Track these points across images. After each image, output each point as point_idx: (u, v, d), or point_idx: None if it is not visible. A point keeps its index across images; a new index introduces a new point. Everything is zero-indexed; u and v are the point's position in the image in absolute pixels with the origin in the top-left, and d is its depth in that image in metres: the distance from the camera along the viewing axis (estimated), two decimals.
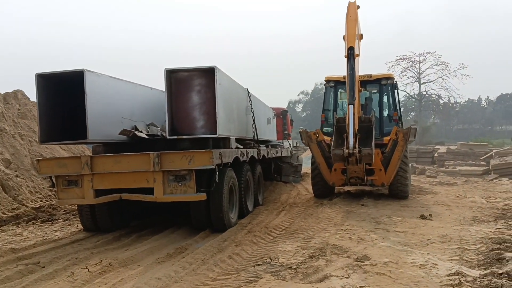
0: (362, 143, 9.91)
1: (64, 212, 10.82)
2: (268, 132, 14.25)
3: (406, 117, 56.20)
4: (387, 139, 11.81)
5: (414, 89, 59.62)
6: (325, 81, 13.15)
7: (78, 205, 8.51)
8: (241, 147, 9.62)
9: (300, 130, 12.14)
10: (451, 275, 5.15)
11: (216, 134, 7.72)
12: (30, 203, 11.40)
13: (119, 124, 8.27)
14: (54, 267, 6.12)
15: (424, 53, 55.76)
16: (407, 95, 59.77)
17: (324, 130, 12.78)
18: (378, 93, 12.98)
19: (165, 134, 8.14)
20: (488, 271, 5.26)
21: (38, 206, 11.25)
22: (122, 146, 8.35)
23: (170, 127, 7.85)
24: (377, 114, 12.31)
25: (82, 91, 7.31)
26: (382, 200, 11.67)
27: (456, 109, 73.19)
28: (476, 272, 5.26)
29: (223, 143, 8.50)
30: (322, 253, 6.22)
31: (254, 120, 11.05)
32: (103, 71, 8.02)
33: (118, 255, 6.68)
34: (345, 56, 10.22)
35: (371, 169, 11.16)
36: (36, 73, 7.45)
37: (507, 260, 5.63)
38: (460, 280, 4.94)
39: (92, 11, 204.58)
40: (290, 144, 19.12)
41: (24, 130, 14.01)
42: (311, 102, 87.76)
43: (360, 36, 11.02)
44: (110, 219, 8.51)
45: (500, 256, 5.85)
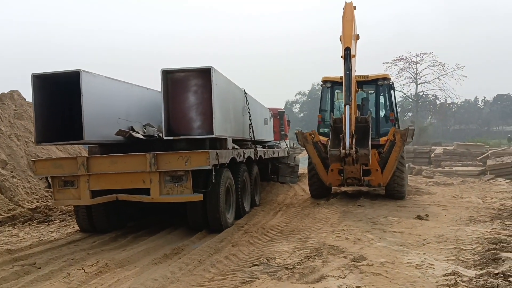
0: (359, 144, 9.93)
1: (60, 213, 10.80)
2: (265, 133, 14.25)
3: (403, 117, 56.33)
4: (383, 140, 11.84)
5: (411, 89, 59.81)
6: (321, 81, 13.16)
7: (74, 206, 8.49)
8: (237, 147, 9.62)
9: (296, 131, 12.15)
10: (447, 275, 5.16)
11: (213, 134, 7.71)
12: (26, 204, 11.38)
13: (115, 125, 8.26)
14: (50, 268, 6.11)
15: (420, 53, 55.97)
16: (404, 95, 59.94)
17: (321, 130, 12.81)
18: (375, 93, 12.98)
19: (161, 135, 8.12)
20: (484, 271, 5.27)
21: (35, 207, 11.23)
22: (119, 146, 8.33)
23: (167, 127, 7.84)
24: (373, 114, 12.33)
25: (78, 91, 7.29)
26: (378, 200, 11.68)
27: (453, 109, 73.39)
28: (472, 272, 5.27)
29: (220, 143, 8.49)
30: (319, 253, 6.22)
31: (251, 120, 11.04)
32: (100, 72, 8.03)
33: (115, 256, 6.66)
34: (341, 57, 10.22)
35: (368, 169, 11.17)
36: (32, 73, 7.43)
37: (503, 260, 5.64)
38: (456, 280, 4.95)
39: (88, 13, 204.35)
40: (287, 144, 19.11)
41: (20, 131, 13.98)
42: (308, 103, 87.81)
43: (357, 37, 11.04)
44: (107, 219, 8.50)
45: (496, 256, 5.86)
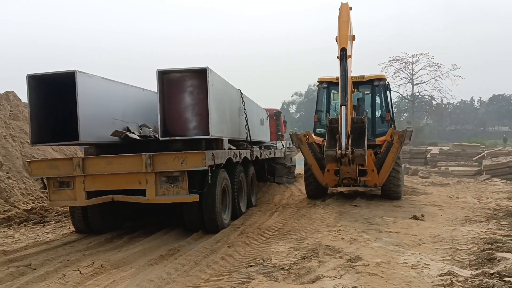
0: (355, 144, 9.95)
1: (56, 214, 10.75)
2: (262, 133, 14.24)
3: (399, 118, 56.40)
4: (379, 140, 11.87)
5: (407, 90, 59.84)
6: (318, 82, 13.18)
7: (70, 206, 8.47)
8: (234, 148, 9.61)
9: (290, 133, 12.17)
10: (443, 275, 5.17)
11: (209, 135, 7.69)
12: (22, 205, 11.33)
13: (111, 125, 8.24)
14: (45, 269, 6.09)
15: (416, 54, 56.05)
16: (400, 96, 60.06)
17: (317, 131, 12.83)
18: (371, 94, 13.01)
19: (157, 135, 8.11)
20: (480, 271, 5.28)
21: (30, 208, 11.18)
22: (114, 147, 8.30)
23: (163, 128, 7.82)
24: (369, 115, 12.35)
25: (73, 92, 7.27)
26: (374, 200, 11.70)
27: (449, 110, 73.62)
28: (467, 272, 5.29)
29: (216, 144, 8.48)
30: (315, 254, 6.22)
31: (247, 121, 11.04)
32: (97, 73, 8.02)
33: (110, 257, 6.65)
34: (337, 57, 10.24)
35: (364, 170, 11.19)
36: (27, 74, 7.40)
37: (499, 260, 5.66)
38: (451, 280, 4.96)
39: (86, 13, 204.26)
40: (283, 145, 19.10)
41: (16, 132, 13.93)
42: (304, 103, 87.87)
43: (353, 37, 11.06)
44: (102, 220, 8.48)
45: (492, 256, 5.88)
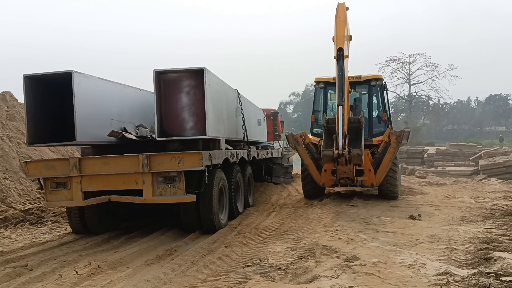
0: (352, 144, 9.95)
1: (53, 215, 10.73)
2: (259, 133, 14.24)
3: (396, 118, 56.50)
4: (376, 140, 11.88)
5: (404, 90, 60.11)
6: (315, 82, 13.18)
7: (66, 207, 8.45)
8: (231, 148, 9.62)
9: (287, 133, 12.17)
10: (440, 275, 5.18)
11: (206, 135, 7.68)
12: (19, 205, 11.30)
13: (108, 126, 8.22)
14: (42, 270, 6.08)
15: (413, 54, 56.23)
16: (397, 96, 60.19)
17: (314, 131, 12.84)
18: (368, 94, 13.02)
19: (154, 136, 8.10)
20: (476, 270, 5.30)
21: (27, 208, 11.15)
22: (111, 147, 8.29)
23: (159, 128, 7.81)
24: (366, 115, 12.36)
25: (70, 92, 7.25)
26: (371, 200, 11.71)
27: (446, 110, 73.78)
28: (464, 272, 5.30)
29: (213, 144, 8.48)
30: (312, 253, 6.23)
31: (244, 121, 11.04)
32: (94, 73, 8.00)
33: (107, 257, 6.64)
34: (334, 58, 10.24)
35: (361, 169, 11.21)
36: (23, 74, 7.38)
37: (495, 260, 5.68)
38: (448, 280, 4.98)
39: (83, 14, 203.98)
40: (280, 145, 19.11)
41: (13, 132, 13.89)
42: (302, 103, 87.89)
43: (349, 38, 11.06)
44: (99, 221, 8.46)
45: (488, 255, 5.90)
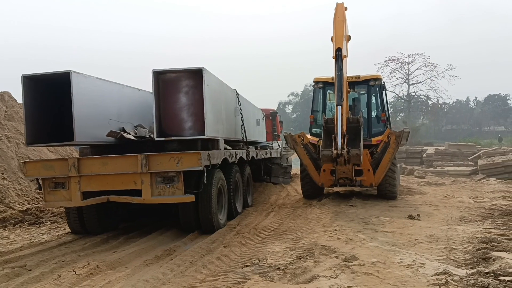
0: (351, 144, 9.95)
1: (51, 215, 10.72)
2: (258, 133, 14.24)
3: (395, 118, 56.54)
4: (375, 140, 11.87)
5: (403, 90, 60.13)
6: (313, 82, 13.16)
7: (65, 207, 8.44)
8: (229, 148, 9.61)
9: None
10: (438, 275, 5.18)
11: (204, 135, 7.68)
12: (17, 205, 11.28)
13: (107, 126, 8.21)
14: (40, 270, 6.07)
15: (412, 54, 56.26)
16: (396, 96, 60.23)
17: (313, 131, 12.84)
18: (366, 94, 13.02)
19: (153, 136, 8.10)
20: (475, 270, 5.30)
21: (25, 208, 11.14)
22: (110, 147, 8.28)
23: (158, 128, 7.81)
24: (365, 115, 12.36)
25: (68, 92, 7.24)
26: (370, 200, 11.71)
27: (445, 109, 73.82)
28: (463, 272, 5.30)
29: (212, 144, 8.48)
30: (311, 253, 6.23)
31: (243, 121, 11.04)
32: (93, 73, 7.99)
33: (106, 257, 6.63)
34: (333, 57, 10.24)
35: (360, 169, 11.20)
36: (22, 74, 7.38)
37: (494, 259, 5.68)
38: (447, 280, 4.98)
39: (81, 14, 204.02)
40: (279, 145, 19.13)
41: (11, 132, 13.87)
42: (301, 104, 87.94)
43: (348, 38, 11.06)
44: (98, 221, 8.45)
45: (487, 255, 5.90)
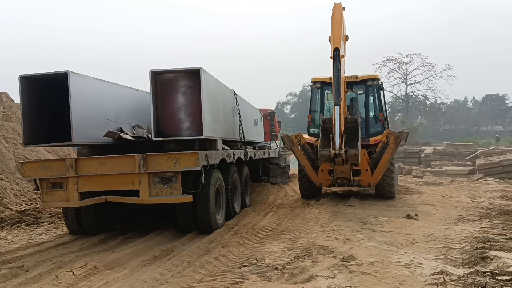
0: (348, 144, 9.96)
1: (49, 215, 10.70)
2: (256, 134, 14.24)
3: (393, 118, 56.65)
4: (373, 140, 11.89)
5: (401, 90, 60.17)
6: (311, 82, 13.17)
7: (63, 208, 8.43)
8: (227, 148, 9.61)
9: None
10: (436, 274, 5.19)
11: (202, 135, 7.68)
12: (15, 206, 11.27)
13: (104, 126, 8.20)
14: (38, 271, 6.06)
15: (410, 54, 56.32)
16: (394, 96, 60.31)
17: (311, 131, 12.84)
18: (364, 94, 13.03)
19: (150, 136, 8.09)
20: (472, 269, 5.31)
21: (23, 209, 11.12)
22: (108, 148, 8.27)
23: (156, 128, 7.80)
24: (363, 115, 12.38)
25: (66, 93, 7.24)
26: (368, 200, 11.72)
27: (443, 109, 73.86)
28: (460, 271, 5.31)
29: (209, 144, 8.47)
30: (308, 253, 6.23)
31: (241, 121, 11.04)
32: (91, 74, 7.99)
33: (104, 257, 6.63)
34: (331, 58, 10.25)
35: (358, 169, 11.22)
36: (19, 74, 7.36)
37: (491, 259, 5.69)
38: (444, 279, 4.98)
39: (79, 14, 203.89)
40: (277, 145, 19.12)
41: (9, 133, 13.85)
42: (299, 104, 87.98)
43: (346, 38, 11.07)
44: (96, 221, 8.45)
45: (484, 254, 5.91)
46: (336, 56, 10.11)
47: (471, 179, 19.16)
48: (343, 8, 10.73)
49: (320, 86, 12.88)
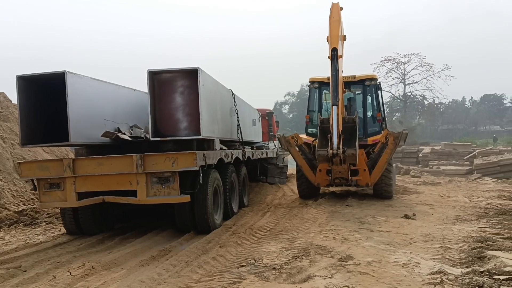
0: (346, 144, 9.95)
1: (47, 216, 10.69)
2: (254, 134, 14.23)
3: (391, 118, 56.75)
4: (371, 140, 11.89)
5: (399, 90, 60.33)
6: (309, 82, 13.17)
7: (60, 208, 8.42)
8: (225, 148, 9.60)
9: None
10: (433, 274, 5.19)
11: (200, 135, 7.67)
12: (13, 206, 11.25)
13: (102, 126, 8.19)
14: (35, 271, 6.05)
15: (408, 54, 56.46)
16: (392, 96, 60.39)
17: (309, 131, 12.84)
18: (362, 94, 13.03)
19: (148, 136, 8.08)
20: (470, 269, 5.31)
21: (21, 209, 11.11)
22: (105, 148, 8.26)
23: (153, 128, 7.79)
24: (361, 114, 12.38)
25: (63, 93, 7.22)
26: (366, 200, 11.72)
27: (441, 109, 74.06)
28: (458, 271, 5.31)
29: (207, 144, 8.46)
30: (306, 253, 6.23)
31: (239, 121, 11.04)
32: (93, 74, 8.00)
33: (101, 258, 6.61)
34: (328, 57, 10.25)
35: (356, 169, 11.22)
36: (16, 75, 7.35)
37: (489, 258, 5.70)
38: (442, 279, 4.99)
39: (77, 14, 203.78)
40: (275, 145, 19.12)
41: (6, 133, 13.83)
42: (297, 104, 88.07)
43: (344, 37, 11.07)
44: (94, 222, 8.43)
45: (482, 254, 5.91)
46: (334, 56, 10.12)
47: (469, 179, 19.19)
48: (341, 8, 10.72)
49: (318, 86, 12.88)
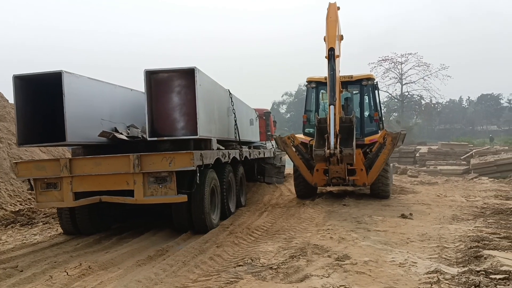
0: (343, 144, 9.97)
1: (44, 216, 10.66)
2: (251, 133, 14.24)
3: (388, 117, 56.78)
4: (368, 139, 11.90)
5: (396, 89, 60.39)
6: (306, 82, 13.17)
7: (57, 208, 8.40)
8: (222, 148, 9.60)
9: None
10: (430, 273, 5.20)
11: (197, 135, 7.67)
12: (9, 206, 11.22)
13: (99, 126, 8.18)
14: (32, 271, 6.04)
15: (405, 54, 56.48)
16: (389, 96, 60.46)
17: (306, 130, 12.84)
18: (359, 93, 13.05)
19: (145, 136, 8.07)
20: (466, 268, 5.32)
21: (18, 209, 11.08)
22: (102, 148, 8.26)
23: (150, 128, 7.79)
24: (358, 114, 12.39)
25: (60, 92, 7.21)
26: (363, 200, 11.73)
27: (438, 109, 74.12)
28: (454, 270, 5.33)
29: (204, 144, 8.46)
30: (303, 253, 6.24)
31: (236, 121, 11.04)
32: (86, 74, 7.97)
33: (98, 258, 6.61)
34: (325, 57, 10.26)
35: (353, 169, 11.23)
36: (13, 74, 7.33)
37: (485, 258, 5.71)
38: (438, 278, 5.00)
39: (75, 14, 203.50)
40: (273, 145, 19.11)
41: (3, 133, 13.79)
42: (295, 103, 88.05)
43: (341, 37, 11.08)
44: (90, 222, 8.42)
45: (478, 253, 5.93)
46: (331, 56, 10.12)
47: (466, 179, 19.25)
48: (338, 8, 10.74)
49: (315, 85, 12.89)
